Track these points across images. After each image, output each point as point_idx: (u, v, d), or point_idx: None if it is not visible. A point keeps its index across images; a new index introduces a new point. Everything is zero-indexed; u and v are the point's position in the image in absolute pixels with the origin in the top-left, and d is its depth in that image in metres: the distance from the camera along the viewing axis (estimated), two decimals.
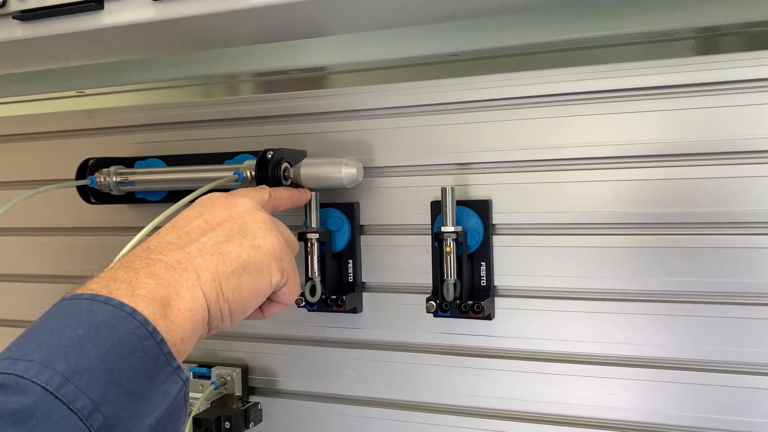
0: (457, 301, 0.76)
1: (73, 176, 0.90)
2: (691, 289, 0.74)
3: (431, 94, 0.82)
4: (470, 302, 0.76)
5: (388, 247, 0.85)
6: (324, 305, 0.82)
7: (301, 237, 0.81)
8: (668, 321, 0.74)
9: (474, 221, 0.79)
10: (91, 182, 0.88)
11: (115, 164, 0.91)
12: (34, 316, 1.06)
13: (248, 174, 0.81)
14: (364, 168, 0.84)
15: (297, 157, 0.85)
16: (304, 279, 0.83)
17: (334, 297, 0.82)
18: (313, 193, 0.81)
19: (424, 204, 0.82)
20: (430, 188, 0.83)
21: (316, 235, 0.81)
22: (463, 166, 0.82)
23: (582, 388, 0.78)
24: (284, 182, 0.81)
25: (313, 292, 0.82)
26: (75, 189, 0.90)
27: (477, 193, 0.81)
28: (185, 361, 0.94)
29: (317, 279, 0.81)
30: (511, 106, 0.79)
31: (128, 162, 0.93)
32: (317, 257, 0.81)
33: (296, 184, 0.82)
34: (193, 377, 0.92)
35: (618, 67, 0.75)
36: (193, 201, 0.62)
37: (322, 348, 0.89)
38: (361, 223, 0.86)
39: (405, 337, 0.85)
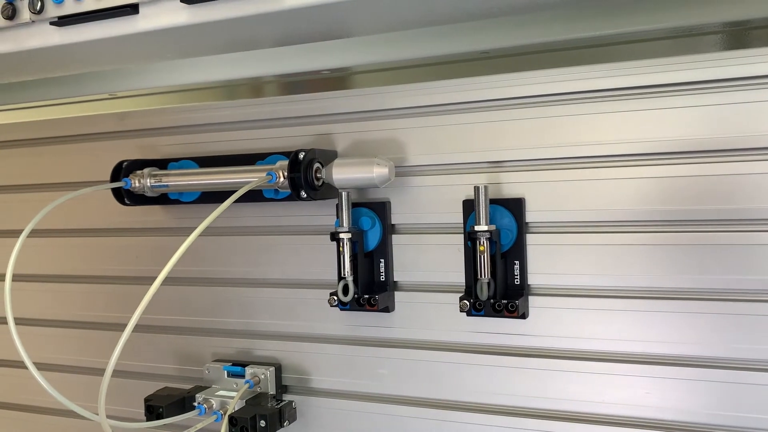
0: (491, 300, 0.76)
1: (108, 178, 0.91)
2: (728, 287, 0.73)
3: (462, 93, 0.82)
4: (504, 301, 0.76)
5: (420, 246, 0.85)
6: (356, 304, 0.83)
7: (333, 237, 0.82)
8: (705, 319, 0.73)
9: (507, 220, 0.79)
10: (125, 184, 0.89)
11: (148, 166, 0.92)
12: (69, 315, 1.08)
13: (281, 175, 0.81)
14: (396, 167, 0.84)
15: (328, 157, 0.85)
16: (337, 279, 0.83)
17: (367, 296, 0.82)
18: (344, 193, 0.81)
19: (456, 203, 0.82)
20: (462, 187, 0.82)
21: (348, 235, 0.81)
22: (496, 165, 0.81)
23: (617, 386, 0.77)
24: (316, 182, 0.82)
25: (345, 291, 0.82)
26: (109, 191, 0.91)
27: (510, 192, 0.80)
28: (219, 360, 0.96)
29: (349, 278, 0.82)
30: (543, 104, 0.78)
31: (161, 164, 0.94)
32: (349, 257, 0.81)
33: (328, 184, 0.82)
34: (228, 376, 0.93)
35: (651, 63, 0.74)
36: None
37: (354, 347, 0.90)
38: (393, 222, 0.86)
39: (437, 336, 0.85)
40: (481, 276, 0.75)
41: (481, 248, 0.75)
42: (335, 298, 0.83)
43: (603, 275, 0.77)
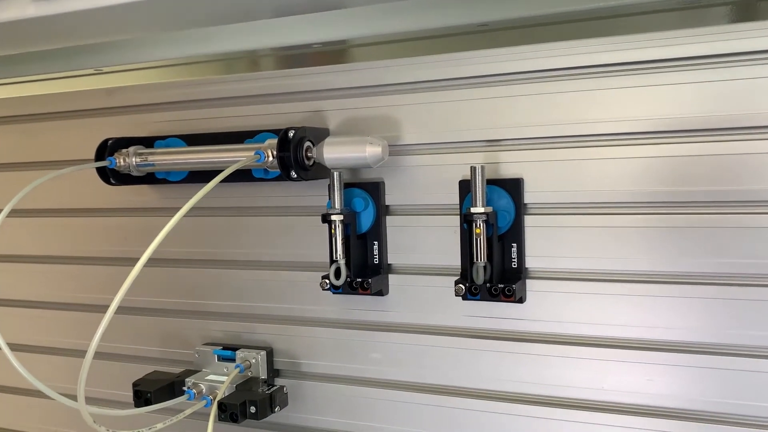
0: (487, 285, 0.74)
1: (93, 156, 0.88)
2: (732, 271, 0.70)
3: (459, 67, 0.78)
4: (501, 285, 0.73)
5: (415, 228, 0.82)
6: (349, 288, 0.80)
7: (325, 219, 0.79)
8: (709, 304, 0.71)
9: (505, 201, 0.76)
10: (110, 163, 0.86)
11: (134, 144, 0.89)
12: (56, 297, 1.06)
13: (269, 154, 0.78)
14: (390, 146, 0.81)
15: (320, 135, 0.82)
16: (329, 262, 0.81)
17: (360, 280, 0.80)
18: (336, 173, 0.78)
19: (453, 183, 0.79)
20: (458, 166, 0.79)
21: (340, 217, 0.78)
22: (494, 143, 0.78)
23: (617, 373, 0.75)
24: (306, 162, 0.78)
25: (337, 275, 0.79)
26: (94, 170, 0.88)
27: (508, 171, 0.77)
28: (209, 343, 0.94)
29: (342, 261, 0.79)
30: (544, 79, 0.75)
31: (148, 142, 0.91)
32: (341, 239, 0.79)
33: (319, 164, 0.79)
34: (218, 360, 0.91)
35: (655, 36, 0.70)
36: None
37: (347, 330, 0.87)
38: (387, 203, 0.83)
39: (432, 320, 0.83)
40: (477, 260, 0.73)
41: (477, 231, 0.72)
42: (327, 281, 0.80)
43: (603, 258, 0.74)
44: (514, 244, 0.76)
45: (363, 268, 0.82)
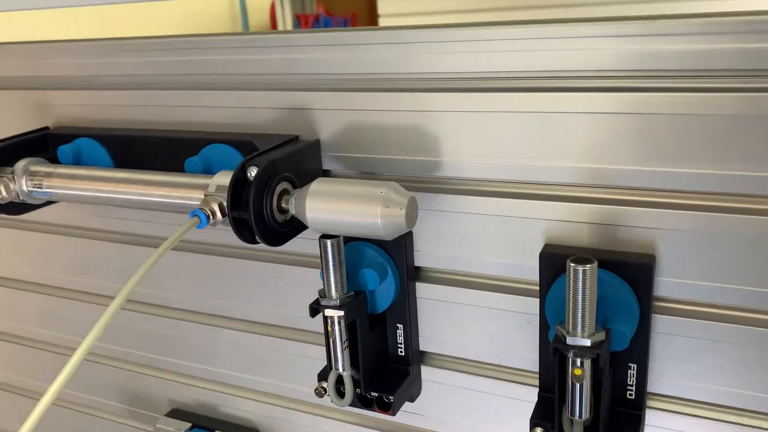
0: None
1: None
2: None
3: (547, 53, 0.43)
4: None
5: (462, 307, 0.51)
6: (360, 403, 0.52)
7: (316, 311, 0.48)
8: None
9: (624, 298, 0.43)
10: None
11: (27, 153, 0.58)
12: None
13: (215, 210, 0.46)
14: (423, 179, 0.48)
15: (303, 160, 0.49)
16: (327, 365, 0.51)
17: (376, 394, 0.51)
18: (329, 243, 0.46)
19: (527, 246, 0.47)
20: (537, 223, 0.46)
21: (340, 313, 0.47)
22: (604, 190, 0.44)
23: None
24: (280, 217, 0.46)
25: (340, 390, 0.50)
26: None
27: (629, 243, 0.44)
28: (175, 413, 0.68)
29: (345, 373, 0.49)
30: (702, 83, 0.40)
31: (49, 144, 0.59)
32: (342, 340, 0.48)
33: (298, 220, 0.47)
34: None
35: None
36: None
37: (361, 428, 0.60)
38: (417, 265, 0.52)
39: None
40: (572, 413, 0.42)
41: (577, 372, 0.41)
42: (324, 388, 0.52)
43: None
44: (634, 366, 0.45)
45: (381, 367, 0.53)
